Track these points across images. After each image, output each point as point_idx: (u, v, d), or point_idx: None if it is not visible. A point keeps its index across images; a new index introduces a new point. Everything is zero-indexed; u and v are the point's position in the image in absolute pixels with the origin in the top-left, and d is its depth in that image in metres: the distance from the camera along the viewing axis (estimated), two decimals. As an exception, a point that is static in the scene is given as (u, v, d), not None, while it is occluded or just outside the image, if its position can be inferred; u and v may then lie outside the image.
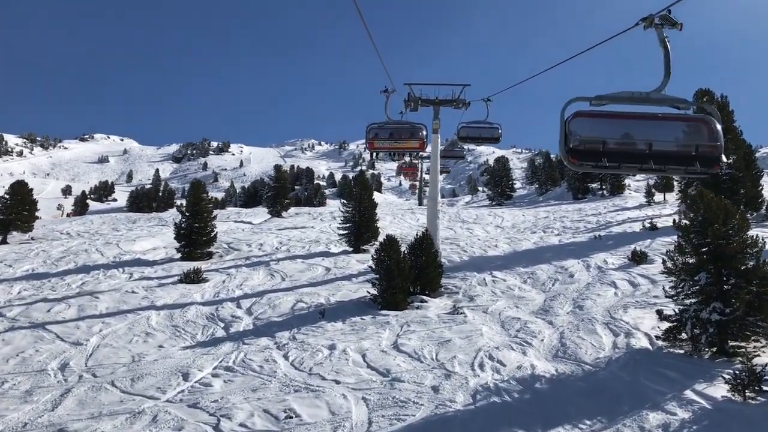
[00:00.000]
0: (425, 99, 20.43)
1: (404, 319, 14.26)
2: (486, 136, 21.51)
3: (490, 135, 21.49)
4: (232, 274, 19.89)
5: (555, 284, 17.16)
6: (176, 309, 15.99)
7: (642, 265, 18.16)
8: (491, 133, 21.47)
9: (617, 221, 29.34)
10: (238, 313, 15.52)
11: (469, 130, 21.49)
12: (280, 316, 15.19)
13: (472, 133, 21.51)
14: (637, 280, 16.73)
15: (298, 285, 18.19)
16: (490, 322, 14.14)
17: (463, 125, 21.57)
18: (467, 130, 21.48)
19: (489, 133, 21.49)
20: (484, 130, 21.44)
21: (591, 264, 18.96)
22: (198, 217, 23.63)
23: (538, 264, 19.51)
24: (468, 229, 32.60)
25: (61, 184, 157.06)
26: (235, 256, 23.88)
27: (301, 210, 53.39)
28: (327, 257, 22.45)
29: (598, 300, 15.29)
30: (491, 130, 21.48)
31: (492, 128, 21.48)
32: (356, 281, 18.46)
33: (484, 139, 21.64)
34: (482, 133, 21.48)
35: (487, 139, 21.59)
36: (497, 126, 21.53)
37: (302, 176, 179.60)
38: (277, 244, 26.23)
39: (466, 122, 21.65)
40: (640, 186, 48.58)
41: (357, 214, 23.49)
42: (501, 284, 17.41)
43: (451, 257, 21.77)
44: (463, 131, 21.58)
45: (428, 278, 16.46)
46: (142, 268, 21.79)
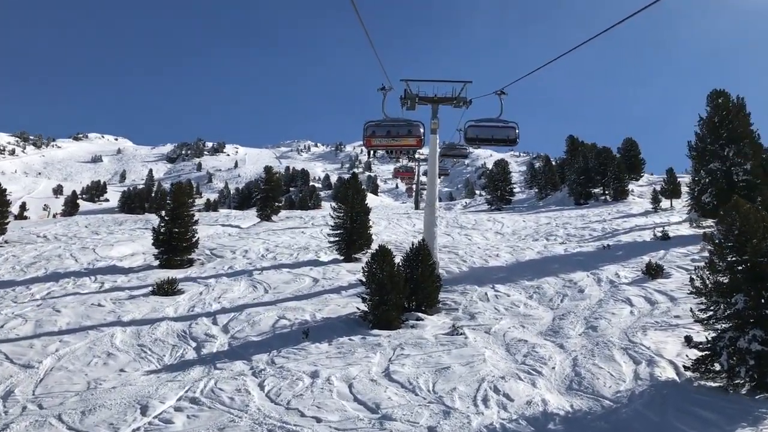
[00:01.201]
0: (423, 97, 18.87)
1: (397, 341, 12.73)
2: (499, 137, 17.68)
3: (504, 136, 17.64)
4: (211, 285, 18.29)
5: (564, 300, 15.65)
6: (145, 325, 14.42)
7: (658, 280, 16.68)
8: (505, 133, 17.61)
9: (624, 229, 27.88)
10: (213, 331, 13.96)
11: (479, 129, 17.66)
12: (260, 335, 13.63)
13: (482, 133, 17.67)
14: (654, 297, 15.24)
15: (282, 298, 16.63)
16: (493, 344, 12.63)
17: (471, 124, 17.74)
18: (476, 129, 17.65)
19: (503, 134, 17.64)
20: (497, 130, 17.64)
21: (602, 277, 17.46)
22: (178, 221, 22.03)
23: (543, 276, 18.01)
24: (466, 236, 31.10)
25: (52, 184, 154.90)
26: (217, 263, 22.28)
27: (293, 213, 51.83)
28: (315, 266, 20.88)
29: (613, 320, 13.79)
30: (506, 130, 17.62)
31: (507, 128, 17.65)
32: (346, 294, 16.91)
33: (497, 141, 17.79)
34: (495, 134, 17.64)
35: (501, 141, 17.75)
36: (513, 125, 17.64)
37: (297, 178, 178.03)
38: (264, 251, 24.63)
39: (476, 120, 17.78)
40: (644, 191, 47.21)
41: (348, 220, 21.93)
42: (504, 300, 15.90)
43: (450, 268, 20.24)
44: (472, 131, 17.72)
45: (425, 293, 14.95)
46: (116, 277, 20.19)
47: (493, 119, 17.95)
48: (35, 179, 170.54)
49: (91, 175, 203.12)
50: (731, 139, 22.80)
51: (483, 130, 17.77)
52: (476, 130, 17.80)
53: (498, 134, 17.76)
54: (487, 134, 17.72)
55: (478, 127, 17.84)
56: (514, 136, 17.73)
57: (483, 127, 17.85)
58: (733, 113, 22.76)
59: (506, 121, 17.93)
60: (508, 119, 18.02)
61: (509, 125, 17.80)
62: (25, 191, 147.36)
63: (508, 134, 17.73)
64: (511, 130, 17.71)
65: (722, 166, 22.87)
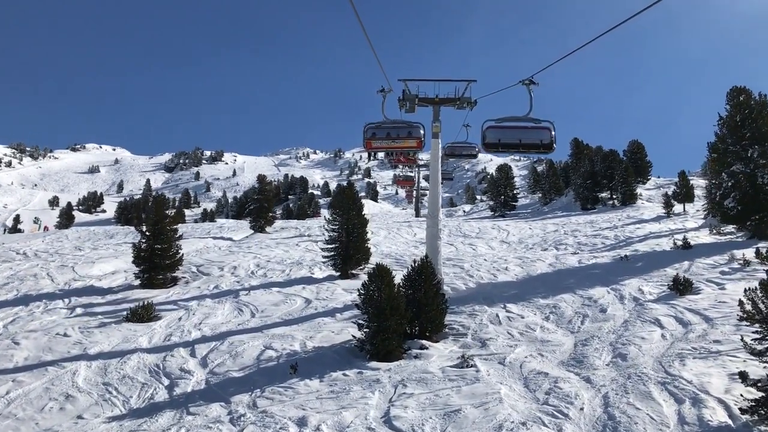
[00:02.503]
0: (423, 98, 17.32)
1: (399, 376, 11.06)
2: (530, 141, 13.93)
3: (535, 140, 13.93)
4: (192, 308, 16.60)
5: (584, 322, 13.98)
6: (114, 358, 12.78)
7: (687, 296, 15.00)
8: (537, 136, 13.91)
9: (638, 236, 26.23)
10: (190, 365, 12.31)
11: (502, 132, 13.99)
12: (242, 370, 11.97)
13: (507, 137, 13.95)
14: (685, 317, 13.55)
15: (270, 323, 14.96)
16: (509, 379, 10.94)
17: (491, 125, 14.04)
18: (499, 132, 13.95)
19: (534, 137, 13.94)
20: (526, 133, 13.89)
21: (624, 294, 15.79)
22: (160, 237, 20.38)
23: (559, 293, 16.34)
24: (471, 245, 29.47)
25: (48, 196, 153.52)
26: (203, 282, 20.59)
27: (289, 224, 50.17)
28: (309, 284, 19.19)
29: (644, 345, 12.09)
30: (537, 132, 13.92)
31: (538, 129, 13.94)
32: (341, 318, 15.24)
33: (527, 146, 14.02)
34: (524, 137, 13.91)
35: (532, 146, 14.04)
36: (547, 125, 13.92)
37: (296, 185, 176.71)
38: (254, 267, 22.95)
39: (496, 120, 13.97)
40: (652, 195, 45.59)
41: (344, 233, 20.26)
42: (518, 322, 14.21)
43: (455, 284, 18.56)
44: (492, 134, 14.00)
45: (429, 317, 13.28)
46: (91, 299, 18.53)
47: (519, 118, 14.00)
48: (31, 191, 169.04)
49: (88, 186, 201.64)
50: (755, 139, 21.20)
51: (508, 132, 13.72)
52: (498, 133, 13.78)
53: (528, 137, 13.81)
54: (513, 138, 13.72)
55: (501, 129, 13.82)
56: (550, 139, 13.83)
57: (508, 128, 13.87)
58: (756, 111, 21.15)
59: (537, 119, 13.99)
60: (540, 118, 14.05)
61: (542, 125, 13.92)
62: (20, 203, 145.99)
63: (541, 137, 13.79)
64: (544, 131, 13.82)
65: (745, 168, 21.26)
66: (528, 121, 14.23)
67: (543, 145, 14.05)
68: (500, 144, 14.10)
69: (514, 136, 14.03)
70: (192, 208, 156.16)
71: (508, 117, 14.25)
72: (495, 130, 14.15)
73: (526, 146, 14.16)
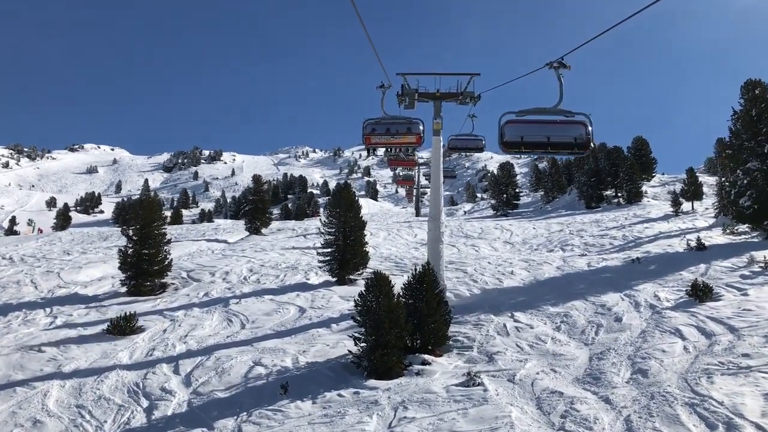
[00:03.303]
0: (423, 93, 16.38)
1: (399, 396, 10.07)
2: (561, 139, 11.23)
3: (568, 137, 11.21)
4: (178, 319, 15.60)
5: (598, 332, 12.98)
6: (90, 377, 11.80)
7: (708, 303, 13.99)
8: (571, 133, 11.20)
9: (648, 236, 25.24)
10: (172, 384, 11.31)
11: (526, 128, 11.16)
12: (228, 389, 10.98)
13: (532, 133, 11.14)
14: (708, 327, 12.54)
15: (260, 336, 13.96)
16: (520, 399, 9.94)
17: (510, 119, 11.26)
18: (521, 128, 11.16)
19: (567, 134, 11.24)
20: (556, 129, 11.23)
21: (639, 300, 14.79)
22: (148, 241, 19.38)
23: (569, 300, 15.35)
24: (473, 246, 28.48)
25: (46, 197, 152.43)
26: (192, 289, 19.59)
27: (286, 225, 49.16)
28: (303, 291, 18.17)
29: (665, 360, 11.09)
30: (570, 127, 11.24)
31: (571, 123, 11.27)
32: (336, 329, 14.25)
33: (557, 146, 11.30)
34: (554, 134, 11.21)
35: (564, 146, 11.29)
36: (582, 119, 11.26)
37: (295, 185, 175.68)
38: (247, 272, 21.94)
39: (518, 113, 11.26)
40: (658, 192, 44.60)
41: (341, 236, 19.24)
42: (527, 333, 13.22)
43: (459, 290, 17.56)
44: (512, 131, 11.17)
45: (432, 329, 12.29)
46: (74, 308, 17.56)
47: (547, 110, 11.19)
48: (29, 192, 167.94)
49: (86, 187, 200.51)
50: (772, 135, 20.17)
51: (533, 128, 10.86)
52: (520, 129, 10.88)
53: (558, 134, 11.09)
54: (539, 135, 10.88)
55: (524, 124, 10.93)
56: (586, 136, 11.08)
57: (532, 123, 11.06)
58: (772, 106, 20.14)
59: (569, 112, 11.24)
60: (573, 110, 11.30)
61: (576, 119, 11.20)
62: (17, 204, 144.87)
63: (574, 134, 11.07)
64: (578, 127, 11.11)
65: (762, 165, 20.24)
66: (558, 113, 11.30)
67: (577, 144, 11.12)
68: (523, 143, 11.07)
69: (540, 133, 11.00)
70: (190, 208, 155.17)
71: (533, 109, 11.29)
72: (516, 125, 11.17)
73: (555, 146, 11.21)
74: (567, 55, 11.48)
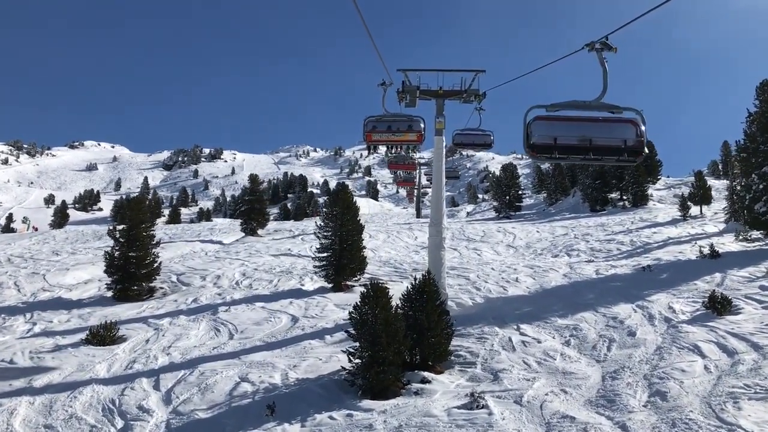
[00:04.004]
0: (425, 90, 15.62)
1: (396, 420, 9.19)
2: (606, 142, 8.94)
3: (617, 140, 8.92)
4: (163, 327, 14.71)
5: (611, 348, 12.09)
6: (63, 392, 10.92)
7: (727, 317, 13.11)
8: (618, 134, 8.92)
9: (656, 242, 24.35)
10: (151, 401, 10.44)
11: (561, 128, 8.92)
12: (211, 409, 10.10)
13: (568, 134, 8.90)
14: (729, 344, 11.65)
15: (249, 347, 13.09)
16: (528, 424, 9.06)
17: (539, 116, 9.02)
18: (553, 127, 8.91)
19: (613, 135, 8.94)
20: (600, 129, 8.99)
21: (653, 312, 13.90)
22: (136, 243, 18.52)
23: (578, 311, 14.46)
24: (475, 250, 27.61)
25: (44, 194, 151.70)
26: (181, 295, 18.70)
27: (283, 225, 48.27)
28: (297, 298, 17.28)
29: (685, 380, 10.20)
30: (618, 127, 9.00)
31: (618, 123, 9.03)
32: (330, 341, 13.37)
33: (601, 151, 8.98)
34: (597, 135, 8.95)
35: (610, 151, 9.04)
36: (633, 116, 9.02)
37: (295, 184, 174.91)
38: (239, 277, 21.05)
39: (548, 108, 8.92)
40: (663, 196, 43.71)
41: (338, 240, 18.34)
42: (534, 348, 12.33)
43: (461, 298, 16.68)
44: (542, 130, 8.92)
45: (432, 343, 11.42)
46: (56, 314, 16.70)
47: (586, 104, 8.80)
48: (27, 189, 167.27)
49: (85, 184, 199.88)
50: (789, 137, 19.29)
51: (570, 128, 8.68)
52: (553, 128, 8.65)
53: (602, 135, 8.81)
54: (578, 136, 8.64)
55: (558, 122, 8.70)
56: (638, 138, 8.85)
57: (569, 121, 8.83)
58: (789, 107, 19.25)
59: (615, 106, 8.85)
60: (621, 104, 8.92)
61: (624, 117, 8.97)
62: (15, 201, 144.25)
63: (623, 135, 8.83)
64: (627, 127, 8.87)
65: (779, 169, 19.35)
66: (601, 108, 8.88)
67: (627, 149, 8.79)
68: (556, 146, 8.74)
69: (579, 134, 8.65)
70: (189, 206, 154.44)
71: (568, 102, 8.86)
72: (547, 124, 8.82)
73: (599, 150, 8.83)
74: (611, 35, 8.90)
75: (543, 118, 8.99)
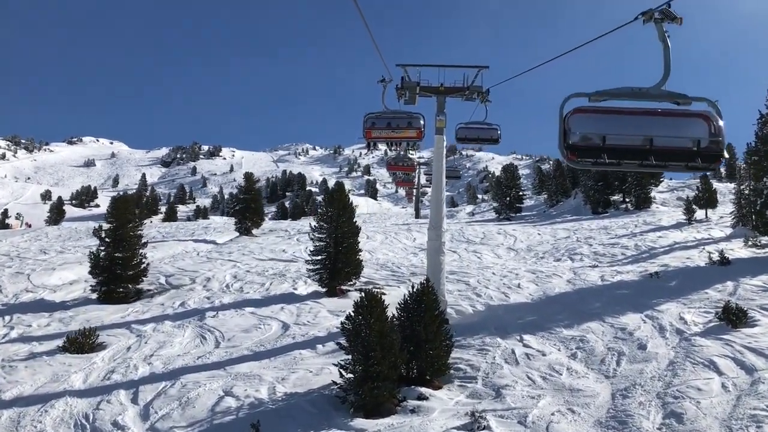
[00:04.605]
0: (426, 86, 14.97)
1: (390, 443, 8.47)
2: (671, 143, 6.59)
3: (684, 141, 6.59)
4: (146, 334, 13.96)
5: (620, 362, 11.36)
6: (34, 405, 10.19)
7: (742, 329, 12.38)
8: (691, 132, 6.59)
9: (663, 247, 23.63)
10: (128, 416, 9.70)
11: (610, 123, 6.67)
12: (191, 426, 9.36)
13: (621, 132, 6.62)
14: (747, 360, 10.92)
15: (236, 357, 12.35)
16: (534, 448, 8.35)
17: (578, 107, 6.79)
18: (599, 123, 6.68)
19: (684, 133, 6.59)
20: (663, 125, 6.63)
21: (663, 323, 13.17)
22: (122, 244, 17.76)
23: (584, 321, 13.74)
24: (475, 253, 26.90)
25: (41, 189, 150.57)
26: (168, 298, 17.95)
27: (279, 225, 47.53)
28: (289, 303, 16.53)
29: (702, 400, 9.47)
30: (685, 123, 6.69)
31: (684, 118, 6.76)
32: (322, 351, 12.63)
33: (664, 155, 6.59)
34: (661, 133, 6.57)
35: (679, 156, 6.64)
36: (704, 110, 6.76)
37: (294, 182, 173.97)
38: (230, 279, 20.29)
39: (591, 98, 6.79)
40: (666, 198, 43.01)
41: (332, 242, 17.59)
42: (539, 361, 11.60)
43: (460, 305, 15.94)
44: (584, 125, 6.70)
45: (430, 357, 10.69)
46: (36, 317, 15.96)
47: (643, 91, 6.83)
48: (24, 184, 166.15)
49: (83, 180, 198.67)
50: (802, 140, 18.56)
51: (622, 123, 6.58)
52: (600, 124, 6.58)
53: (667, 134, 6.61)
54: (635, 134, 6.55)
55: (605, 114, 6.66)
56: (713, 138, 6.61)
57: (620, 114, 6.70)
58: (803, 109, 18.52)
59: (682, 95, 6.88)
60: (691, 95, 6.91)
61: (693, 110, 6.85)
62: (12, 197, 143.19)
63: (695, 134, 6.57)
64: (699, 123, 6.63)
65: (792, 173, 18.62)
66: (661, 98, 6.81)
67: (700, 153, 6.50)
68: (605, 148, 6.51)
69: (635, 132, 6.51)
70: (187, 203, 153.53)
71: (618, 90, 6.82)
72: (592, 118, 6.66)
73: (662, 154, 6.52)
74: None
75: (585, 111, 6.68)
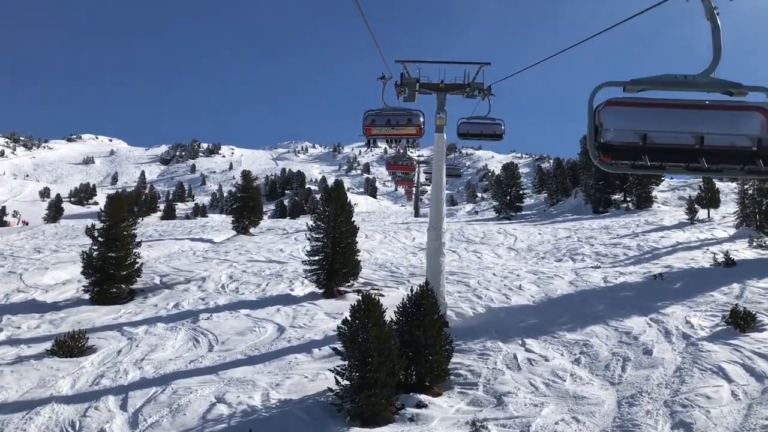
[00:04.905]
0: (426, 83, 14.63)
1: (388, 454, 8.12)
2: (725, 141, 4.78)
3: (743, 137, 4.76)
4: (137, 336, 13.61)
5: (626, 368, 11.02)
6: (19, 412, 9.84)
7: (751, 334, 12.04)
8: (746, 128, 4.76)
9: (665, 247, 23.27)
10: (115, 424, 9.35)
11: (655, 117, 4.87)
12: (181, 435, 9.00)
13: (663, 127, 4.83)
14: (758, 366, 10.58)
15: (229, 361, 12.00)
16: (538, 460, 8.01)
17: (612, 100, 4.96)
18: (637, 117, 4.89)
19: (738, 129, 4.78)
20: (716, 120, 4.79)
21: (669, 327, 12.83)
22: (115, 243, 17.40)
23: (587, 324, 13.39)
24: (475, 253, 26.55)
25: (40, 187, 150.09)
26: (162, 299, 17.60)
27: (278, 224, 47.16)
28: (285, 305, 16.18)
29: (711, 409, 9.13)
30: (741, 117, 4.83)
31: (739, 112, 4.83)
32: (318, 355, 12.29)
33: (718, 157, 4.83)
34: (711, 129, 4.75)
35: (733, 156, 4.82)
36: (764, 103, 4.78)
37: (293, 180, 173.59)
38: (226, 279, 19.93)
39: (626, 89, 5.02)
40: (667, 198, 42.64)
41: (330, 242, 17.22)
42: (541, 367, 11.25)
43: (460, 308, 15.59)
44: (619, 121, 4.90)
45: (430, 362, 10.34)
46: (27, 318, 15.60)
47: (688, 79, 5.02)
48: (23, 182, 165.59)
49: (82, 178, 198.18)
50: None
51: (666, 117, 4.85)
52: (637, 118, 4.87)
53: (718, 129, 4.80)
54: (682, 130, 4.82)
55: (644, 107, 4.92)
56: None
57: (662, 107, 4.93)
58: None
59: (735, 84, 5.00)
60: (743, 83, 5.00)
61: (748, 103, 4.92)
62: (10, 194, 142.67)
63: (751, 130, 4.77)
64: (754, 117, 4.78)
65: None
66: (709, 88, 5.10)
67: (761, 153, 4.85)
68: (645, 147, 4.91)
69: (684, 127, 4.89)
70: (186, 201, 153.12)
71: (658, 77, 5.09)
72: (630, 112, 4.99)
73: (714, 155, 4.88)
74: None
75: (620, 103, 5.04)
